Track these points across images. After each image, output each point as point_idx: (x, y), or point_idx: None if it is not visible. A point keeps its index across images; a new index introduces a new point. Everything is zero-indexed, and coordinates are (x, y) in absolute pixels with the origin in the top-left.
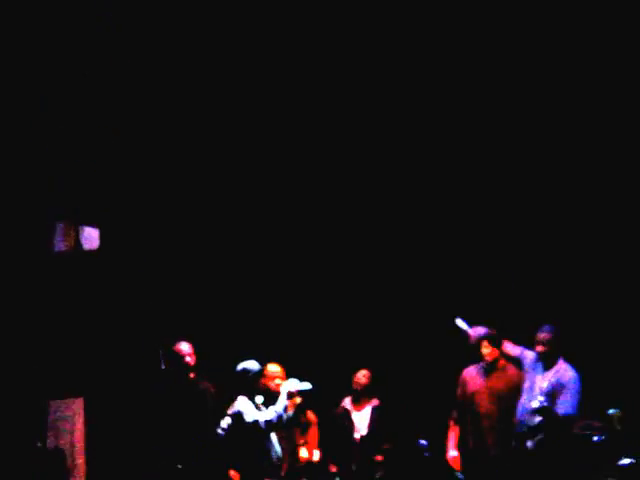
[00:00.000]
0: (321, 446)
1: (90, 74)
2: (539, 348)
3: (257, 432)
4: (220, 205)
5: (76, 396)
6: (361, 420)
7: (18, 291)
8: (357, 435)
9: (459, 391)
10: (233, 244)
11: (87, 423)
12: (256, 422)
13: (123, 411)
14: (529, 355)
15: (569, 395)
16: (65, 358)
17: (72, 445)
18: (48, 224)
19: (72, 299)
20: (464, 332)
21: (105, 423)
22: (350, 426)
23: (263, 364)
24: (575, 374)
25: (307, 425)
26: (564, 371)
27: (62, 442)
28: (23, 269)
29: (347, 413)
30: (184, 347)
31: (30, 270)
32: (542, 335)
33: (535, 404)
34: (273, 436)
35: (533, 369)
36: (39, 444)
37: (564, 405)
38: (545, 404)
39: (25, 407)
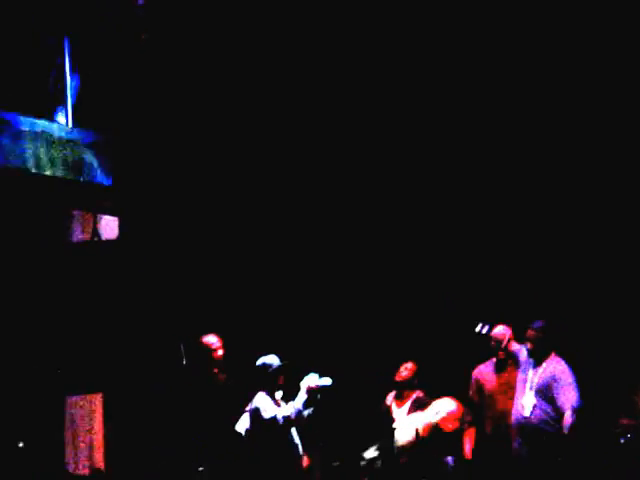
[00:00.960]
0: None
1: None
2: (528, 345)
3: (276, 428)
4: (241, 196)
5: (95, 392)
6: (402, 415)
7: (36, 282)
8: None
9: (472, 392)
10: (254, 235)
11: (106, 419)
12: (274, 418)
13: (143, 407)
14: (524, 351)
15: (568, 388)
16: (84, 352)
17: (91, 442)
18: (66, 213)
19: (91, 290)
20: (485, 336)
21: (125, 419)
22: (390, 423)
23: (283, 360)
24: (566, 366)
25: None
26: (555, 365)
27: (80, 439)
28: (41, 259)
29: (388, 410)
30: (213, 340)
31: (48, 260)
32: (531, 332)
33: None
34: (293, 431)
35: (526, 365)
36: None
37: (568, 400)
38: None
39: (44, 403)
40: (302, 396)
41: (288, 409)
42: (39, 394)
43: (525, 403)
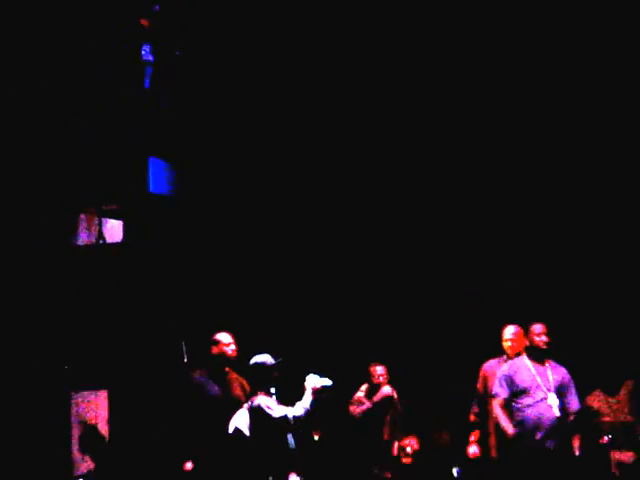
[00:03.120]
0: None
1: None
2: (542, 344)
3: (283, 428)
4: (240, 199)
5: (101, 388)
6: None
7: (42, 283)
8: None
9: (480, 385)
10: (252, 237)
11: (111, 416)
12: (285, 417)
13: (148, 404)
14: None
15: (573, 390)
16: (89, 351)
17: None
18: (71, 216)
19: (96, 292)
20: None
21: (129, 416)
22: None
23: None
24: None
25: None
26: (558, 365)
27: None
28: (47, 261)
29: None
30: (226, 337)
31: (54, 262)
32: (544, 329)
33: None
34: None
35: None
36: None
37: (577, 401)
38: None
39: (50, 399)
40: (309, 397)
41: (297, 409)
42: (46, 391)
43: (552, 403)
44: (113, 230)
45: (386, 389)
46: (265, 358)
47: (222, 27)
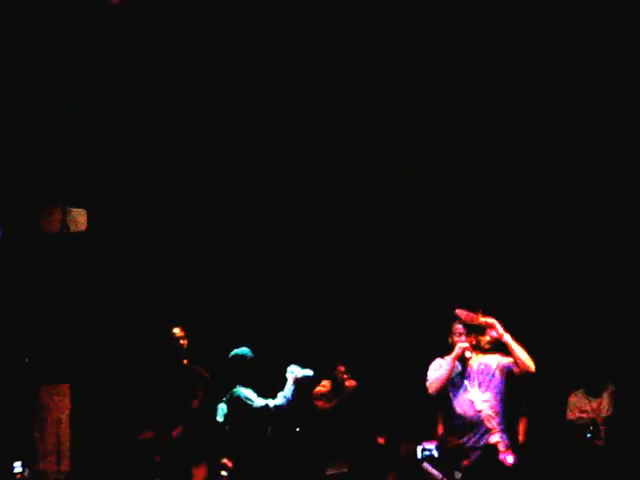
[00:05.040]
0: None
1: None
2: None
3: (265, 418)
4: (208, 188)
5: (63, 382)
6: None
7: (5, 273)
8: None
9: None
10: (223, 227)
11: (73, 410)
12: (266, 407)
13: (110, 397)
14: None
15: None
16: (51, 343)
17: (57, 432)
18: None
19: (59, 282)
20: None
21: (92, 410)
22: None
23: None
24: None
25: None
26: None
27: (48, 429)
28: (11, 251)
29: None
30: (176, 331)
31: (17, 252)
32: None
33: None
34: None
35: None
36: None
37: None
38: None
39: (12, 394)
40: (290, 387)
41: (279, 399)
42: (8, 384)
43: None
44: (77, 219)
45: (351, 383)
46: (243, 351)
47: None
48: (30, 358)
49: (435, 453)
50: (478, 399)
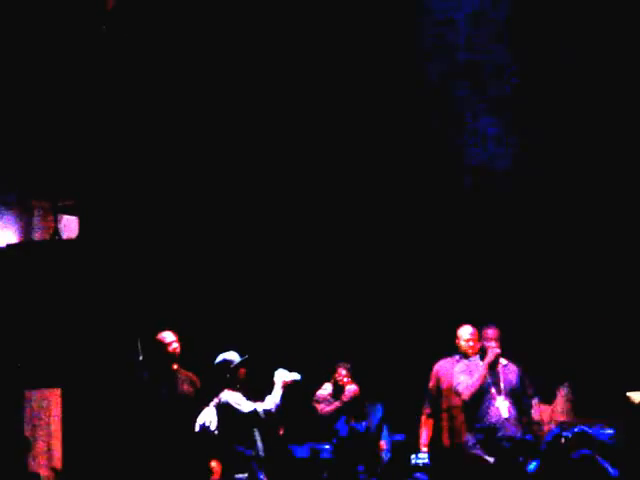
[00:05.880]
0: None
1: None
2: (496, 346)
3: (253, 422)
4: (201, 193)
5: (54, 387)
6: None
7: None
8: None
9: (432, 385)
10: (214, 232)
11: (64, 414)
12: (255, 412)
13: (102, 402)
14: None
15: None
16: (43, 348)
17: (49, 436)
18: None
19: (50, 288)
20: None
21: (83, 414)
22: None
23: (243, 356)
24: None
25: None
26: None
27: (39, 433)
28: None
29: None
30: (168, 335)
31: (11, 258)
32: (496, 332)
33: None
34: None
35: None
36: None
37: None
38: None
39: (2, 398)
40: (279, 391)
41: (268, 403)
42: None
43: (500, 405)
44: (69, 226)
45: (352, 387)
46: (231, 355)
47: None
48: (21, 364)
49: (427, 461)
50: (504, 407)
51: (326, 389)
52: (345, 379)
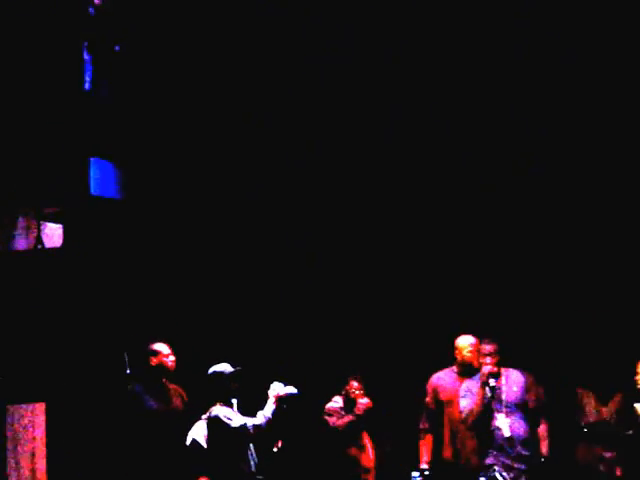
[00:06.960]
0: None
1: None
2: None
3: (243, 437)
4: (189, 201)
5: (38, 401)
6: None
7: None
8: None
9: (429, 400)
10: (203, 241)
11: (49, 429)
12: (244, 426)
13: (87, 417)
14: None
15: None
16: (26, 361)
17: (33, 452)
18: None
19: (33, 298)
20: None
21: (68, 429)
22: None
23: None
24: None
25: None
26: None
27: (23, 449)
28: None
29: None
30: (165, 348)
31: None
32: (494, 346)
33: None
34: (251, 445)
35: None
36: None
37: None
38: None
39: None
40: (271, 405)
41: (259, 418)
42: None
43: (500, 424)
44: (52, 235)
45: (364, 400)
46: (223, 367)
47: (165, 20)
48: (3, 376)
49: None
50: (504, 425)
51: (337, 402)
52: (357, 391)
